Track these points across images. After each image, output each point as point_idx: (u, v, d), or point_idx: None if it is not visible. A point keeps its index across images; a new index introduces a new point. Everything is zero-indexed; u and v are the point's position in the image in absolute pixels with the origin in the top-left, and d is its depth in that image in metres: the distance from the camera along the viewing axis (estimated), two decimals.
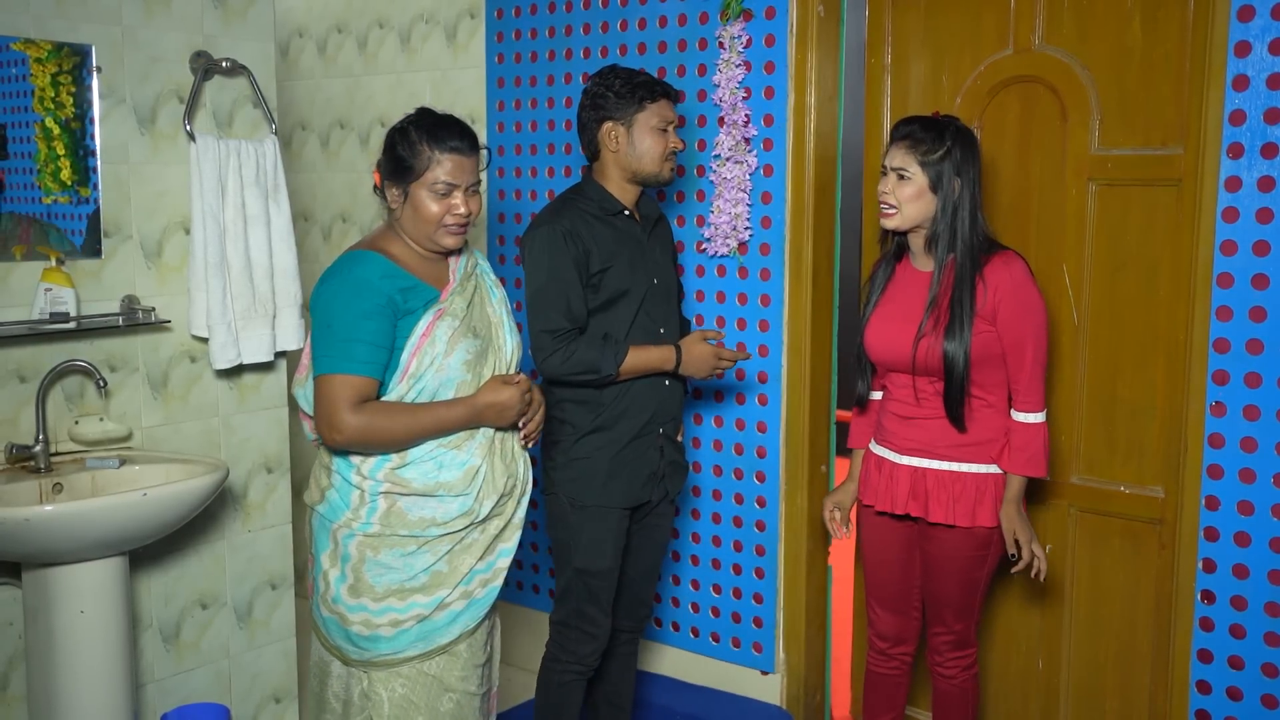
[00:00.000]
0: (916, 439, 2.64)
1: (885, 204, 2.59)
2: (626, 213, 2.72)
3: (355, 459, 2.25)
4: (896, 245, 2.70)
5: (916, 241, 2.63)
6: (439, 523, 2.25)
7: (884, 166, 2.60)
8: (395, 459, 2.23)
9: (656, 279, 2.75)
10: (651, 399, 2.72)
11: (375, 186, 2.35)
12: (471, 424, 2.27)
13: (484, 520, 2.30)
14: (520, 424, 2.37)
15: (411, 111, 2.32)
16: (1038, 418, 2.56)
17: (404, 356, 2.21)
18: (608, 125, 2.67)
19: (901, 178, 2.56)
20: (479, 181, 2.30)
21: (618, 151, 2.68)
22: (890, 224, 2.60)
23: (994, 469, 2.60)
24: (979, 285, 2.53)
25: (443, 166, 2.23)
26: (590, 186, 2.73)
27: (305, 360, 2.33)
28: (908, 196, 2.55)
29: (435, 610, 2.26)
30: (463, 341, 2.27)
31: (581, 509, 2.70)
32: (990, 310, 2.53)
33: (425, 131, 2.24)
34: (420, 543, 2.24)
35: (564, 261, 2.60)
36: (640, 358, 2.66)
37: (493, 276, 2.47)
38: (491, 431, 2.32)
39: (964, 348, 2.51)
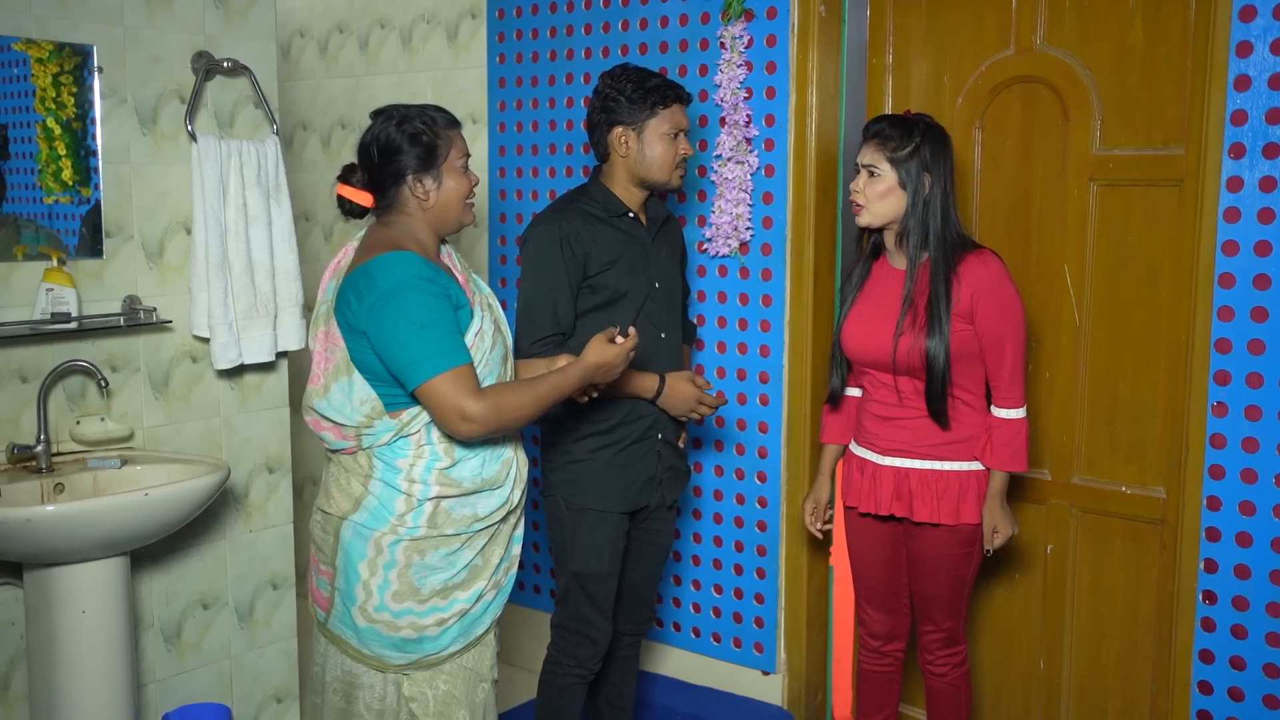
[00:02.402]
0: (898, 439, 2.64)
1: (854, 201, 2.62)
2: (631, 215, 2.71)
3: (402, 464, 2.22)
4: (873, 244, 2.71)
5: (890, 239, 2.65)
6: (480, 517, 2.27)
7: (856, 164, 2.62)
8: (445, 459, 2.23)
9: (658, 283, 2.74)
10: (649, 406, 2.71)
11: (349, 204, 2.33)
12: (583, 384, 2.32)
13: (515, 509, 2.35)
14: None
15: (373, 120, 2.30)
16: (1019, 413, 2.57)
17: None
18: (618, 130, 2.65)
19: (871, 175, 2.58)
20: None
21: (627, 157, 2.66)
22: (861, 221, 2.63)
23: (976, 466, 2.61)
24: (955, 283, 2.54)
25: (458, 143, 2.29)
26: (595, 188, 2.72)
27: (319, 370, 2.27)
28: (877, 194, 2.57)
29: (474, 603, 2.29)
30: (499, 336, 2.33)
31: (578, 512, 2.69)
32: (967, 309, 2.54)
33: (427, 116, 2.27)
34: (464, 539, 2.26)
35: (557, 265, 2.60)
36: (622, 381, 2.62)
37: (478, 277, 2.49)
38: None
39: (944, 344, 2.53)
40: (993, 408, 2.59)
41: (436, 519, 2.23)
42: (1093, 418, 2.87)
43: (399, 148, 2.25)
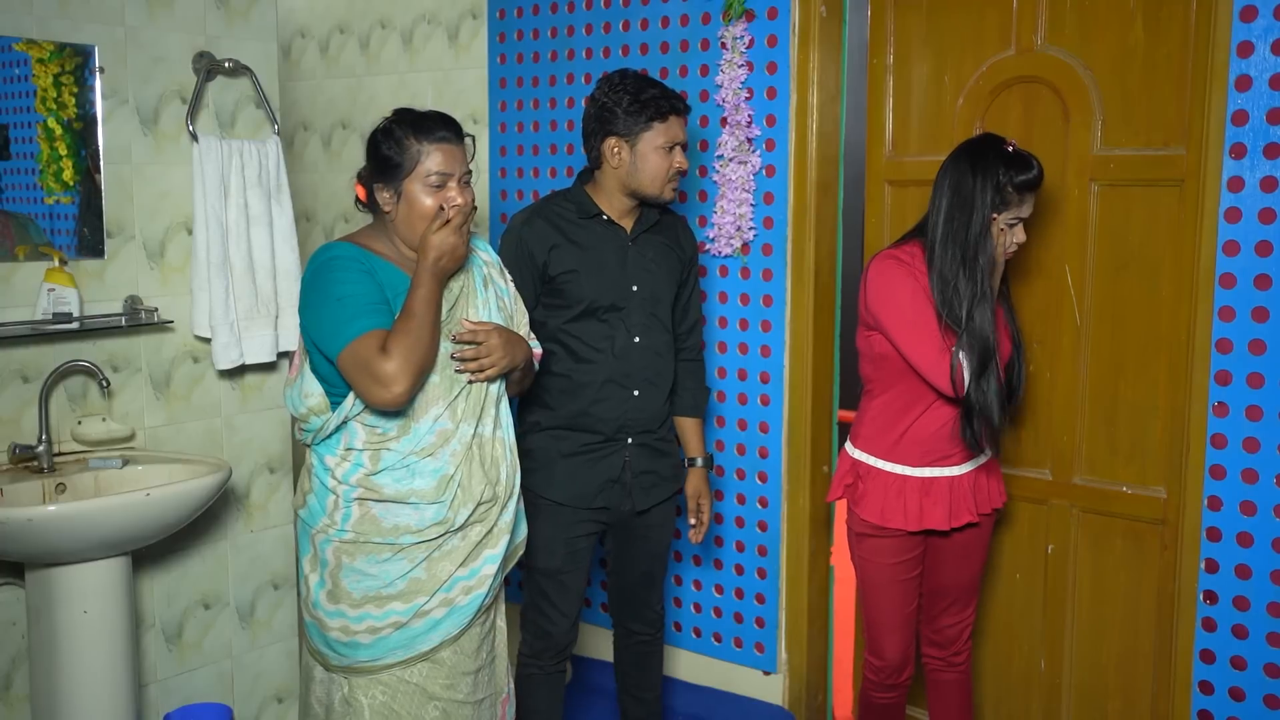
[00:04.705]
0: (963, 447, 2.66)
1: (1010, 250, 2.53)
2: (605, 217, 2.66)
3: (330, 462, 2.20)
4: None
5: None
6: (413, 530, 2.19)
7: (1013, 220, 2.50)
8: (368, 464, 2.18)
9: (637, 286, 2.67)
10: (616, 408, 2.65)
11: (358, 201, 2.30)
12: (440, 282, 2.14)
13: (461, 528, 2.23)
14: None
15: (389, 114, 2.26)
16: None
17: None
18: (612, 140, 2.60)
19: (1024, 220, 2.53)
20: (470, 172, 2.24)
21: (619, 168, 2.61)
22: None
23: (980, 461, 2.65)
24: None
25: (433, 158, 2.17)
26: (575, 190, 2.70)
27: (298, 361, 2.27)
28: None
29: (413, 618, 2.20)
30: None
31: (535, 503, 2.64)
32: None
33: (410, 126, 2.19)
34: (395, 550, 2.19)
35: (512, 267, 2.59)
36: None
37: (487, 273, 2.35)
38: (469, 438, 2.23)
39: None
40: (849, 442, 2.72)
41: (364, 525, 2.18)
42: (1093, 418, 2.87)
43: (370, 152, 2.22)
